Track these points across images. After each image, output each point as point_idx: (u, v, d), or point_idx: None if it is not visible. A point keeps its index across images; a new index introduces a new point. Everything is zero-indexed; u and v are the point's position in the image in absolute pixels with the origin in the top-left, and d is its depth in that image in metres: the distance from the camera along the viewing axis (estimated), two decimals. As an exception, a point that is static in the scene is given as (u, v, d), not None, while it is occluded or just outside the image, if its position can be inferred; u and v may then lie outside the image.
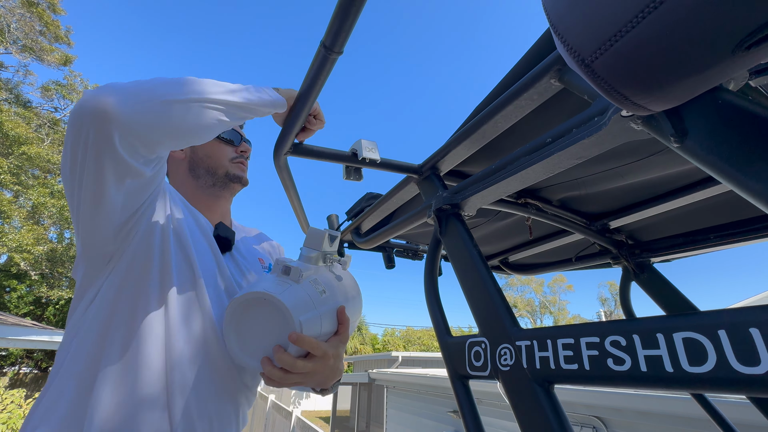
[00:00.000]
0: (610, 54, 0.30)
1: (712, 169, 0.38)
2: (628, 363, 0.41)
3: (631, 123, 0.48)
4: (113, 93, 0.57)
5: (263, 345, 0.72)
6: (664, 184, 0.99)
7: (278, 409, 8.25)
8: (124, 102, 0.56)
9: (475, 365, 0.64)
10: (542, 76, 0.65)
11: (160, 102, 0.59)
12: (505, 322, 0.60)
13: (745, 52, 0.27)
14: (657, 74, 0.30)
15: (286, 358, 0.69)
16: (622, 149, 0.84)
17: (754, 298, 6.98)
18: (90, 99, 0.56)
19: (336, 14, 0.53)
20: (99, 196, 0.63)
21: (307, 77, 0.66)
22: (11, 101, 13.85)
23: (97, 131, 0.56)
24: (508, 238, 1.46)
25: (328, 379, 0.79)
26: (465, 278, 0.73)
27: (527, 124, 0.83)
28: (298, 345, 0.69)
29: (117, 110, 0.56)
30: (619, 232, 1.25)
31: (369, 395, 11.83)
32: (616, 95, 0.33)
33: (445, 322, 0.80)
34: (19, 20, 13.20)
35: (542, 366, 0.51)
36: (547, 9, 0.35)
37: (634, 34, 0.28)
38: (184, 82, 0.63)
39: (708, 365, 0.34)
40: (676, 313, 1.12)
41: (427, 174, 1.00)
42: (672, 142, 0.41)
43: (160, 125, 0.60)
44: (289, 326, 0.70)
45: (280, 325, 0.71)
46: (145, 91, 0.59)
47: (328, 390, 0.86)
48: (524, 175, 0.69)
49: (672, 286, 1.15)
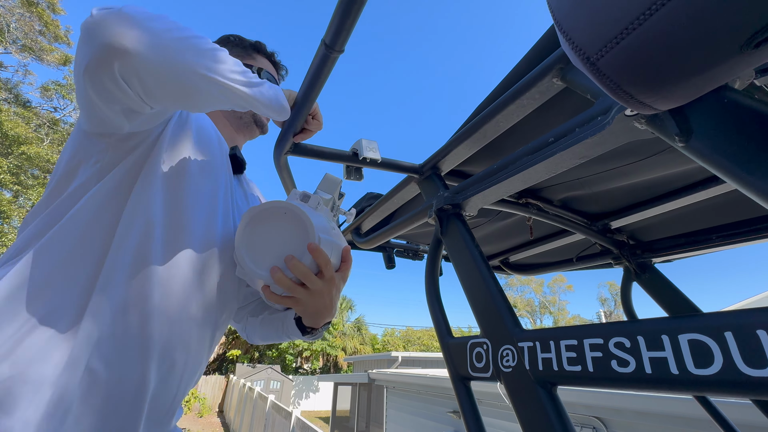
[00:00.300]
0: (616, 52, 0.30)
1: (717, 169, 0.37)
2: (632, 365, 0.40)
3: (635, 122, 0.48)
4: (140, 30, 0.50)
5: (275, 256, 0.69)
6: (665, 184, 0.98)
7: (278, 409, 8.25)
8: (149, 48, 0.51)
9: (477, 366, 0.63)
10: (544, 75, 0.65)
11: (189, 70, 0.54)
12: (507, 323, 0.60)
13: (754, 50, 0.27)
14: (663, 72, 0.29)
15: (301, 266, 0.67)
16: (623, 149, 0.83)
17: (755, 298, 6.98)
18: (110, 25, 0.49)
19: (337, 12, 0.53)
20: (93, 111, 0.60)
21: (308, 76, 0.65)
22: (11, 101, 13.83)
23: (101, 62, 0.50)
24: (509, 238, 1.46)
25: (323, 312, 0.76)
26: (466, 279, 0.73)
27: (529, 124, 0.83)
28: (314, 256, 0.67)
29: (138, 55, 0.50)
30: (620, 233, 1.25)
31: (369, 395, 11.83)
32: (622, 94, 0.32)
33: (446, 323, 0.79)
34: (19, 20, 13.19)
35: (545, 367, 0.50)
36: (551, 7, 0.34)
37: (641, 32, 0.27)
38: (216, 58, 0.58)
39: (714, 367, 0.34)
40: (679, 313, 1.12)
41: (428, 174, 0.99)
42: (677, 142, 0.41)
43: (173, 89, 0.56)
44: (306, 240, 0.69)
45: (297, 239, 0.70)
46: (177, 51, 0.54)
47: (317, 332, 0.83)
48: (526, 175, 0.69)
49: (674, 287, 1.14)
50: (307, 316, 0.77)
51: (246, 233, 0.70)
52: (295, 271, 0.67)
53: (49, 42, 14.14)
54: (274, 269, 0.67)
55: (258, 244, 0.70)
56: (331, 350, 24.65)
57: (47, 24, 13.72)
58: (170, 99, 0.58)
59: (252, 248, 0.70)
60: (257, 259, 0.69)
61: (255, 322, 0.95)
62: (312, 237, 0.68)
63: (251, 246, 0.70)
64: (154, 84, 0.54)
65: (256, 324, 0.95)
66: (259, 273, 0.68)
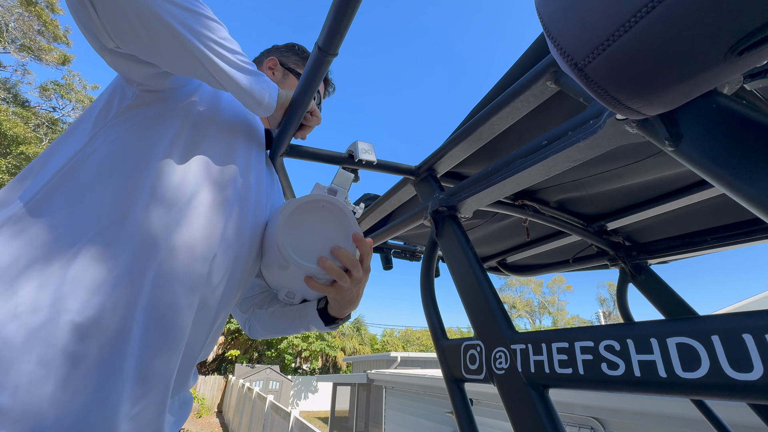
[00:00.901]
0: (603, 58, 0.30)
1: (706, 174, 0.38)
2: (622, 368, 0.41)
3: (626, 126, 0.48)
4: None
5: (319, 248, 0.72)
6: (661, 186, 0.99)
7: (276, 409, 8.25)
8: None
9: (471, 368, 0.64)
10: (538, 79, 0.65)
11: (152, 12, 0.52)
12: (501, 325, 0.60)
13: (738, 57, 0.27)
14: (650, 78, 0.30)
15: (349, 255, 0.70)
16: (619, 151, 0.84)
17: (752, 299, 7.00)
18: None
19: (330, 15, 0.53)
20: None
21: (302, 79, 0.65)
22: (9, 101, 13.82)
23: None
24: (506, 240, 1.46)
25: (354, 301, 0.79)
26: (460, 281, 0.73)
27: (524, 126, 0.83)
28: (358, 245, 0.72)
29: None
30: (616, 234, 1.25)
31: (368, 396, 11.83)
32: (609, 99, 0.33)
33: (440, 325, 0.79)
34: (18, 19, 13.18)
35: (537, 370, 0.51)
36: (540, 12, 0.34)
37: (627, 38, 0.28)
38: (203, 24, 0.57)
39: (701, 371, 0.34)
40: (672, 315, 1.12)
41: (424, 175, 1.00)
42: (667, 146, 0.41)
43: (134, 27, 0.53)
44: (349, 230, 0.73)
45: (338, 230, 0.74)
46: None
47: (340, 322, 0.84)
48: (520, 178, 0.69)
49: (668, 288, 1.15)
50: (342, 305, 0.79)
51: (287, 228, 0.71)
52: (343, 260, 0.70)
53: (47, 41, 14.13)
54: (322, 259, 0.70)
55: (299, 237, 0.72)
56: (330, 350, 24.64)
57: (46, 23, 13.71)
58: (132, 40, 0.55)
59: (294, 242, 0.71)
60: (301, 252, 0.71)
61: (263, 314, 0.94)
62: (355, 227, 0.74)
63: (293, 240, 0.71)
64: (114, 12, 0.51)
65: (263, 316, 0.94)
66: (306, 265, 0.70)
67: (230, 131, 0.72)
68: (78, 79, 15.25)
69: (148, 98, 0.64)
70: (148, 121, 0.62)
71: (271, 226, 0.73)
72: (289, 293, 0.79)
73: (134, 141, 0.59)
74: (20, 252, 0.48)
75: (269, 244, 0.72)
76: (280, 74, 0.96)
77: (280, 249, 0.69)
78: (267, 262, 0.75)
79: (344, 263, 0.71)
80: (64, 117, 15.17)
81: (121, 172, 0.56)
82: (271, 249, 0.71)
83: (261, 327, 0.95)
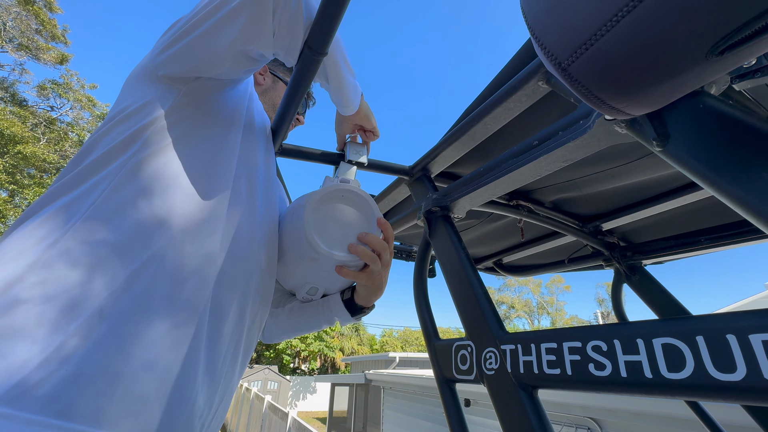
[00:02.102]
0: (586, 57, 0.30)
1: (693, 174, 0.37)
2: (608, 368, 0.40)
3: (615, 126, 0.48)
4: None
5: (346, 236, 0.73)
6: (655, 187, 0.99)
7: (274, 410, 8.23)
8: None
9: (462, 369, 0.63)
10: (530, 79, 0.65)
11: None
12: (491, 325, 0.60)
13: (719, 57, 0.27)
14: (632, 78, 0.29)
15: (377, 239, 0.72)
16: (613, 151, 0.84)
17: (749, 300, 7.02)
18: None
19: (319, 14, 0.53)
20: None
21: (292, 80, 0.65)
22: (7, 100, 13.77)
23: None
24: (502, 240, 1.46)
25: (382, 287, 0.80)
26: (452, 281, 0.73)
27: (517, 126, 0.83)
28: (383, 229, 0.74)
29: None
30: (611, 234, 1.25)
31: (366, 396, 11.82)
32: (594, 99, 0.32)
33: (433, 325, 0.79)
34: (15, 18, 13.13)
35: (526, 370, 0.50)
36: (525, 12, 0.34)
37: (609, 38, 0.28)
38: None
39: (686, 371, 0.34)
40: (666, 315, 1.12)
41: (417, 175, 1.00)
42: (654, 146, 0.41)
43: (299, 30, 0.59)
44: (373, 216, 0.75)
45: (362, 217, 0.75)
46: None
47: (366, 311, 0.85)
48: (512, 178, 0.69)
49: (662, 288, 1.15)
50: (370, 292, 0.79)
51: (313, 220, 0.72)
52: (373, 244, 0.72)
53: (45, 41, 14.07)
54: (353, 245, 0.71)
55: (326, 228, 0.73)
56: (328, 351, 24.62)
57: (44, 23, 13.65)
58: (285, 40, 0.61)
59: (322, 233, 0.72)
60: (330, 243, 0.72)
61: (280, 313, 0.93)
62: (378, 212, 0.76)
63: (321, 231, 0.72)
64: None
65: (281, 315, 0.93)
66: (337, 254, 0.71)
67: (259, 132, 0.77)
68: (76, 78, 15.19)
69: (193, 102, 0.65)
70: (200, 126, 0.64)
71: (292, 222, 0.73)
72: (312, 289, 0.80)
73: (203, 140, 0.63)
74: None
75: (294, 240, 0.72)
76: (270, 81, 0.96)
77: (310, 242, 0.69)
78: (291, 259, 0.75)
79: (375, 247, 0.72)
80: (62, 116, 15.14)
81: (202, 173, 0.60)
82: (298, 244, 0.71)
83: (278, 327, 0.93)
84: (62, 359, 0.41)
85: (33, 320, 0.43)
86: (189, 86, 0.65)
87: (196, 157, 0.61)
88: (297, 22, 0.58)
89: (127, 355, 0.45)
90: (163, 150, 0.58)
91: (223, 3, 0.58)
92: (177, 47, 0.62)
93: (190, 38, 0.61)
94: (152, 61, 0.65)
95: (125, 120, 0.60)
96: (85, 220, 0.50)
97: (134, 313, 0.47)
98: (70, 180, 0.54)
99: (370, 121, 0.86)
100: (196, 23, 0.60)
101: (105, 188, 0.53)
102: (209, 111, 0.66)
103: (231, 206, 0.62)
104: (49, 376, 0.40)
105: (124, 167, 0.54)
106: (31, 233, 0.49)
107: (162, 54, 0.64)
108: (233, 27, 0.58)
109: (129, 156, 0.56)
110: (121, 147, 0.56)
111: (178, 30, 0.63)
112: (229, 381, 0.62)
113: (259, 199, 0.70)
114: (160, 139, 0.59)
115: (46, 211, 0.52)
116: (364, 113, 0.84)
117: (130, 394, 0.44)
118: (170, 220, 0.53)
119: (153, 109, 0.61)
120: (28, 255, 0.47)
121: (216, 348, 0.55)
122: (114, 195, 0.52)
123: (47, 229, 0.49)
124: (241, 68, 0.66)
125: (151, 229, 0.52)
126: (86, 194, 0.53)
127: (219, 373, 0.57)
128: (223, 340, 0.57)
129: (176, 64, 0.63)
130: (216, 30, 0.59)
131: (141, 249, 0.50)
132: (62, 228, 0.49)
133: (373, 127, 0.89)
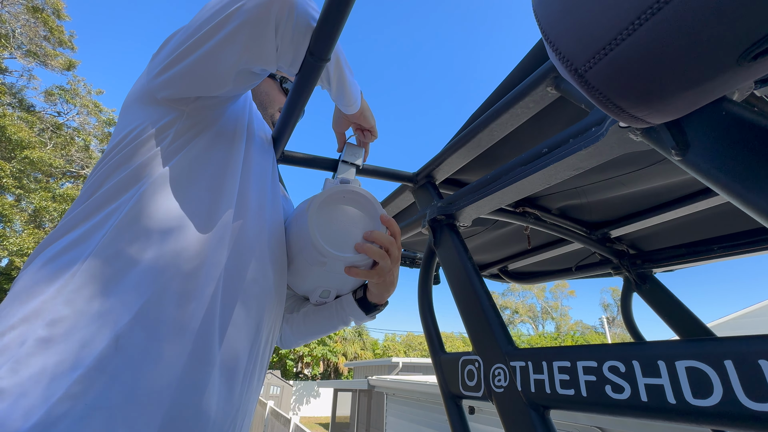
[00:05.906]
0: (605, 63, 0.28)
1: (715, 184, 0.35)
2: (627, 391, 0.38)
3: (630, 134, 0.46)
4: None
5: (351, 236, 0.73)
6: (666, 194, 0.96)
7: (276, 415, 8.18)
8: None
9: (468, 385, 0.61)
10: (538, 84, 0.63)
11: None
12: (499, 340, 0.58)
13: (752, 62, 0.25)
14: (655, 86, 0.28)
15: (384, 236, 0.72)
16: (622, 159, 0.82)
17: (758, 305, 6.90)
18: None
19: (321, 21, 0.51)
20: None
21: (294, 86, 0.64)
22: (15, 105, 13.92)
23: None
24: (508, 247, 1.43)
25: (394, 283, 0.79)
26: (458, 292, 0.71)
27: (524, 133, 0.81)
28: (387, 225, 0.74)
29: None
30: (620, 242, 1.22)
31: (369, 402, 11.73)
32: (612, 107, 0.30)
33: (438, 338, 0.77)
34: (24, 25, 13.32)
35: (537, 389, 0.48)
36: (537, 15, 0.33)
37: (631, 42, 0.26)
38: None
39: (714, 398, 0.32)
40: (678, 326, 1.09)
41: (422, 182, 0.98)
42: (673, 155, 0.39)
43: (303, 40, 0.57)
44: (376, 214, 0.75)
45: (365, 216, 0.75)
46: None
47: (380, 309, 0.84)
48: (520, 186, 0.67)
49: (674, 298, 1.12)
50: (382, 289, 0.78)
51: (317, 224, 0.71)
52: (380, 241, 0.72)
53: (53, 47, 14.26)
54: (360, 244, 0.71)
55: (331, 231, 0.72)
56: (331, 356, 24.52)
57: (52, 29, 13.85)
58: (287, 48, 0.59)
59: (327, 236, 0.71)
60: (336, 245, 0.71)
61: (296, 318, 0.92)
62: (381, 210, 0.75)
63: (325, 234, 0.71)
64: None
65: (296, 319, 0.91)
66: (344, 256, 0.70)
67: (262, 142, 0.76)
68: (83, 84, 15.37)
69: (200, 122, 0.65)
70: (210, 143, 0.64)
71: (297, 228, 0.73)
72: (324, 292, 0.79)
73: (210, 160, 0.63)
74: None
75: (301, 246, 0.72)
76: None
77: (316, 247, 0.68)
78: (300, 265, 0.74)
79: (382, 244, 0.72)
80: (69, 121, 15.30)
81: (212, 184, 0.61)
82: (305, 250, 0.70)
83: (294, 333, 0.92)
84: (78, 394, 0.41)
85: (54, 359, 0.43)
86: (191, 107, 0.64)
87: (203, 182, 0.61)
88: (300, 34, 0.57)
89: (142, 385, 0.45)
90: (170, 181, 0.58)
91: (223, 22, 0.56)
92: (177, 69, 0.60)
93: (191, 60, 0.59)
94: (150, 82, 0.64)
95: (129, 151, 0.59)
96: (94, 256, 0.50)
97: (147, 343, 0.47)
98: (79, 214, 0.55)
99: (368, 120, 0.85)
100: (195, 43, 0.58)
101: (114, 222, 0.53)
102: (213, 131, 0.66)
103: (241, 229, 0.62)
104: (66, 413, 0.40)
105: (132, 200, 0.55)
106: (45, 268, 0.51)
107: (160, 76, 0.62)
108: (235, 47, 0.56)
109: (135, 190, 0.56)
110: (126, 181, 0.57)
111: (176, 50, 0.60)
112: (248, 400, 0.61)
113: (267, 212, 0.70)
114: (167, 171, 0.58)
115: (57, 246, 0.53)
116: (362, 112, 0.83)
117: (147, 425, 0.44)
118: (179, 253, 0.54)
119: (156, 136, 0.60)
120: (46, 289, 0.48)
121: (235, 369, 0.55)
122: (124, 229, 0.53)
123: (62, 263, 0.50)
124: (244, 86, 0.65)
125: (161, 266, 0.52)
126: (97, 227, 0.53)
127: (238, 394, 0.56)
128: (240, 361, 0.57)
129: (177, 86, 0.62)
130: (218, 51, 0.57)
131: (151, 281, 0.50)
132: (75, 264, 0.50)
133: (372, 126, 0.87)
